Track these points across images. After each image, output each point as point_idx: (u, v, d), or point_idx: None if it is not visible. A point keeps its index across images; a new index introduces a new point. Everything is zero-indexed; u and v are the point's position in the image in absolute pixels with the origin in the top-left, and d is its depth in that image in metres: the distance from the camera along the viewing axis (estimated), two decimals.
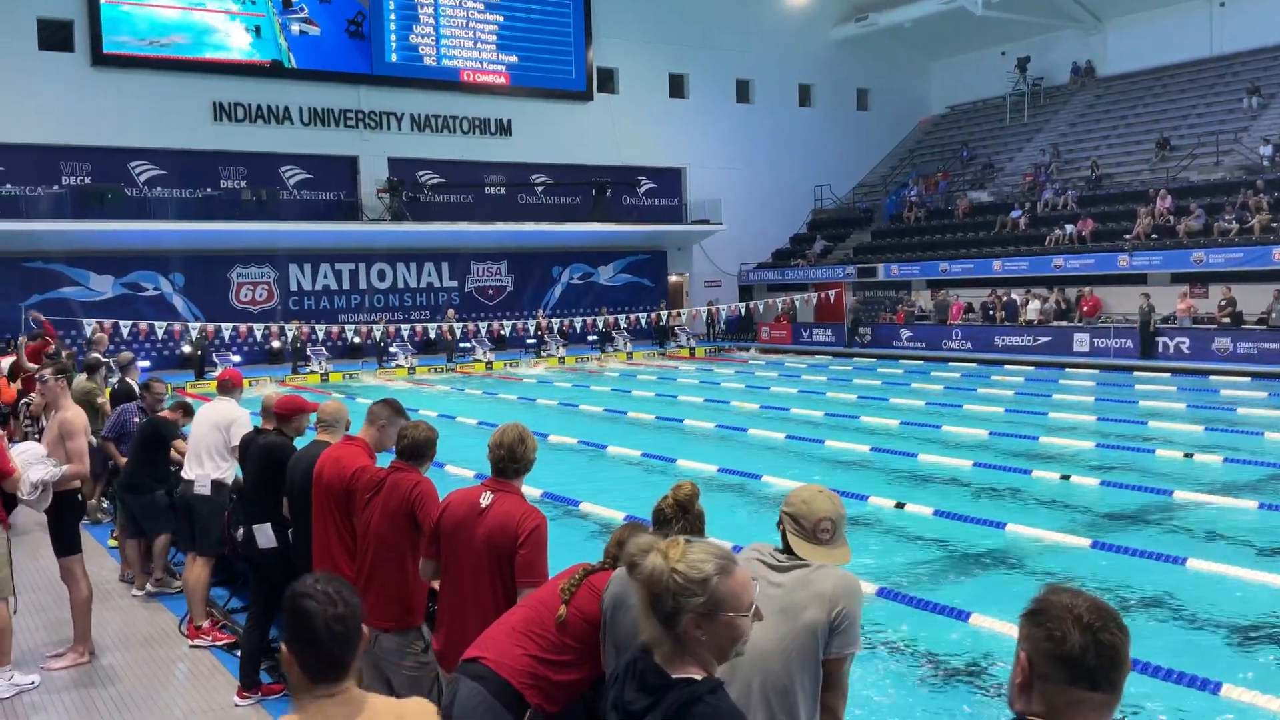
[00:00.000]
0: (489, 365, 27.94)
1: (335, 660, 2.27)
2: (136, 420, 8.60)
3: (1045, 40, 37.38)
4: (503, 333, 30.35)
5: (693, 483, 3.49)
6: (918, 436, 14.65)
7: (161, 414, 8.30)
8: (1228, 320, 23.86)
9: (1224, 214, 25.47)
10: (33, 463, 6.40)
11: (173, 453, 8.00)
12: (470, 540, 3.88)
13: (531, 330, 30.47)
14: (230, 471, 7.27)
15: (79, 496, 6.83)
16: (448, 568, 4.01)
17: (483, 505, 3.91)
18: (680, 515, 3.38)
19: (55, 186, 27.21)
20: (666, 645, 2.25)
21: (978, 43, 38.56)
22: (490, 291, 33.61)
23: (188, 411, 8.26)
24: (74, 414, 6.80)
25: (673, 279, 37.15)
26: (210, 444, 7.20)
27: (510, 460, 3.97)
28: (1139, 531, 9.25)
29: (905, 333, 29.94)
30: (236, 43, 29.54)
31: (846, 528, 3.09)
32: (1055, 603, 1.92)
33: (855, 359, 28.41)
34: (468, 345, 29.00)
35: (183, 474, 7.42)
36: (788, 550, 3.06)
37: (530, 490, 10.65)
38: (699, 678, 2.23)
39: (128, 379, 10.53)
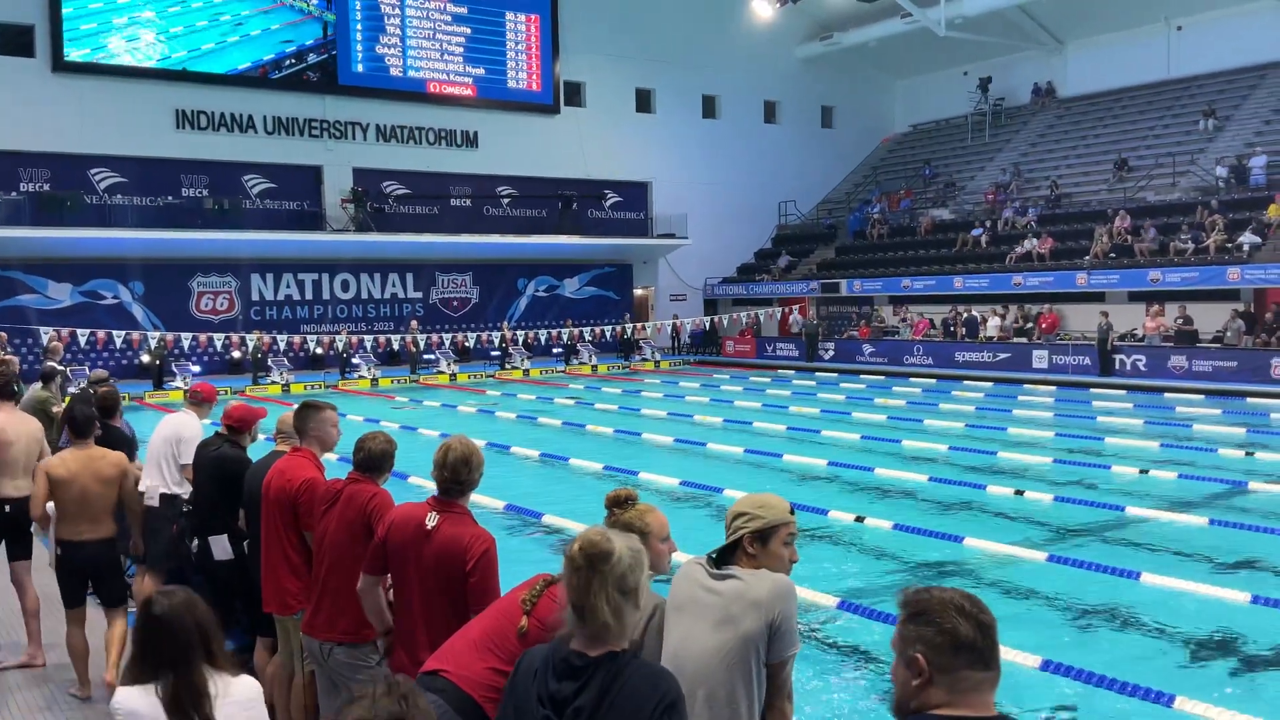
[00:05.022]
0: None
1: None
2: None
3: (1007, 61, 37.89)
4: (467, 344, 30.24)
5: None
6: (878, 451, 14.75)
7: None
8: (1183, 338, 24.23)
9: (1180, 234, 25.91)
10: None
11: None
12: (418, 561, 3.83)
13: (496, 342, 30.39)
14: (183, 486, 7.15)
15: None
16: (398, 588, 3.94)
17: (429, 527, 3.84)
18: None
19: (13, 193, 26.79)
20: (583, 628, 2.43)
21: (941, 63, 39.00)
22: (455, 303, 33.48)
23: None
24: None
25: (638, 292, 37.21)
26: (163, 456, 7.07)
27: (454, 481, 3.90)
28: (1094, 546, 9.36)
29: (867, 348, 30.14)
30: (199, 49, 29.28)
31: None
32: (933, 599, 2.08)
33: (818, 374, 28.56)
34: (431, 357, 28.84)
35: (139, 484, 7.29)
36: (723, 560, 3.09)
37: (492, 502, 10.67)
38: (619, 650, 2.40)
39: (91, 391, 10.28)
